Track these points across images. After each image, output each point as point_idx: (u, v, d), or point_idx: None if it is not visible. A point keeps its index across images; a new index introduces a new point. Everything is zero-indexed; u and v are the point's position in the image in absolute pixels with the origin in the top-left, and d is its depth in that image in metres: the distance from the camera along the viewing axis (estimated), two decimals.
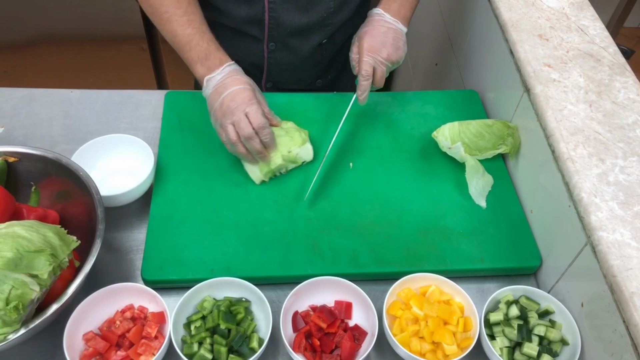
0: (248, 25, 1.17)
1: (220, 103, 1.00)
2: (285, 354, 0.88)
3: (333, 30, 1.22)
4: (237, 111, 0.99)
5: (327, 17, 1.18)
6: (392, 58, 1.08)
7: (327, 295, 0.91)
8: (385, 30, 1.09)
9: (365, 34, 1.09)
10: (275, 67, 1.26)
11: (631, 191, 0.84)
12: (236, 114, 0.99)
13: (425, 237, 1.00)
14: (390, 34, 1.09)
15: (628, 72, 1.02)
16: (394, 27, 1.10)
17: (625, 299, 0.73)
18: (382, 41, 1.08)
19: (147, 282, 0.92)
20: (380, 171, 1.10)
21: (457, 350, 0.85)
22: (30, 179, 0.95)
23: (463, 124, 1.10)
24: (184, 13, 1.02)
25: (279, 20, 1.15)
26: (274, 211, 1.02)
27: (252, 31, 1.18)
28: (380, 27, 1.09)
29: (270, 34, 1.18)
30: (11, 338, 0.72)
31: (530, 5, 1.15)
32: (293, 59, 1.24)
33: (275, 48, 1.21)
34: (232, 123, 1.00)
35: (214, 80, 1.02)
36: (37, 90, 1.24)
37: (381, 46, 1.07)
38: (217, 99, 1.01)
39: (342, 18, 1.21)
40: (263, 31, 1.18)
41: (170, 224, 0.99)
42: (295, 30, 1.18)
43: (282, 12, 1.14)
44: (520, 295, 0.92)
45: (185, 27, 1.02)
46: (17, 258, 0.73)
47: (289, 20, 1.15)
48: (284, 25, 1.16)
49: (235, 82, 1.02)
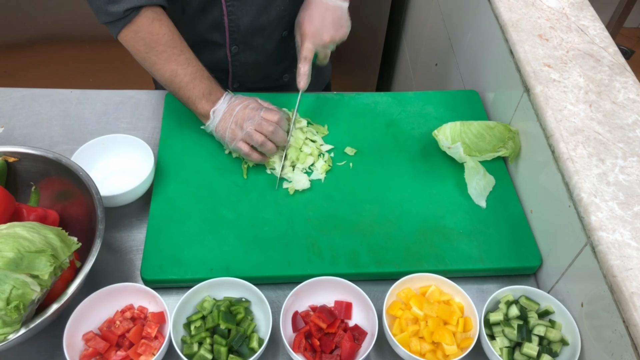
0: (208, 32, 1.17)
1: (235, 119, 1.04)
2: (285, 354, 0.89)
3: (292, 19, 1.20)
4: (255, 117, 1.03)
5: (285, 9, 1.17)
6: (335, 39, 1.10)
7: (327, 296, 0.91)
8: (324, 11, 1.09)
9: (304, 19, 1.10)
10: (241, 68, 1.26)
11: (631, 191, 0.84)
12: (255, 118, 1.03)
13: (425, 237, 1.00)
14: (329, 15, 1.09)
15: (628, 72, 1.02)
16: (332, 7, 1.10)
17: (625, 299, 0.73)
18: (321, 24, 1.09)
19: (147, 281, 0.92)
20: (380, 171, 1.10)
21: (457, 350, 0.85)
22: (30, 179, 0.95)
23: (465, 124, 1.10)
24: (180, 51, 1.04)
25: (238, 22, 1.15)
26: (274, 211, 1.02)
27: (213, 37, 1.18)
28: (318, 10, 1.09)
29: (232, 37, 1.18)
30: (11, 338, 0.73)
31: (530, 5, 1.15)
32: (257, 57, 1.24)
33: (238, 50, 1.21)
34: (254, 128, 1.03)
35: (221, 109, 1.06)
36: (37, 90, 1.24)
37: (321, 30, 1.08)
38: (229, 120, 1.04)
39: (299, 5, 1.19)
40: (224, 35, 1.17)
41: (170, 224, 0.99)
42: (256, 30, 1.17)
43: (241, 14, 1.13)
44: (520, 295, 0.92)
45: (186, 66, 1.04)
46: (18, 258, 0.73)
47: (249, 21, 1.15)
48: (245, 26, 1.16)
49: (241, 101, 1.06)
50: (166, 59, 1.02)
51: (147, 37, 1.00)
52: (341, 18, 1.11)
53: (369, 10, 2.10)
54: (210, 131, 1.08)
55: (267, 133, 1.03)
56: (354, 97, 1.25)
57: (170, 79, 1.04)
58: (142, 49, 1.02)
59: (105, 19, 1.00)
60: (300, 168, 1.09)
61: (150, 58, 1.03)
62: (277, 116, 1.04)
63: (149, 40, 1.01)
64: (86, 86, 1.28)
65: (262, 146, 1.04)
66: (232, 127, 1.04)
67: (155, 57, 1.02)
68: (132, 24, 0.99)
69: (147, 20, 1.00)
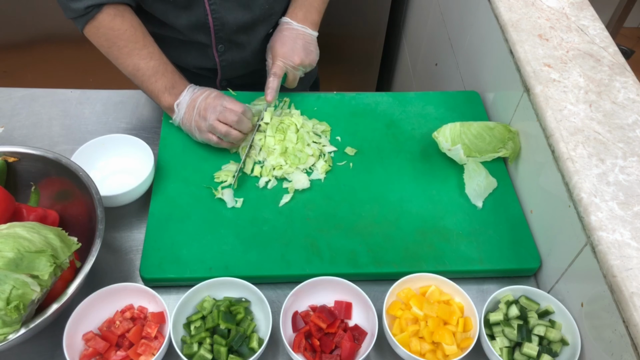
0: (193, 33, 1.17)
1: (197, 111, 1.06)
2: (285, 354, 0.88)
3: (277, 18, 1.22)
4: (217, 106, 1.05)
5: (270, 7, 1.18)
6: (304, 62, 1.15)
7: (327, 296, 0.91)
8: (294, 36, 1.15)
9: (275, 42, 1.16)
10: (229, 67, 1.27)
11: (631, 191, 0.84)
12: (217, 108, 1.05)
13: (424, 238, 1.00)
14: (300, 40, 1.15)
15: (628, 72, 1.02)
16: (302, 33, 1.16)
17: (625, 299, 0.73)
18: (292, 47, 1.14)
19: (146, 280, 0.93)
20: (380, 171, 1.10)
21: (457, 350, 0.85)
22: (30, 179, 0.95)
23: (464, 124, 1.09)
24: (142, 46, 1.07)
25: (223, 21, 1.16)
26: (273, 210, 1.02)
27: (198, 37, 1.19)
28: (290, 34, 1.15)
29: (217, 36, 1.18)
30: (11, 338, 0.73)
31: (530, 5, 1.15)
32: (244, 55, 1.25)
33: (225, 49, 1.22)
34: (217, 118, 1.05)
35: (184, 102, 1.08)
36: (37, 90, 1.24)
37: (292, 52, 1.14)
38: (193, 112, 1.07)
39: (283, 5, 1.22)
40: (209, 35, 1.18)
41: (169, 223, 0.99)
42: (241, 28, 1.18)
43: (225, 12, 1.14)
44: (520, 295, 0.92)
45: (148, 60, 1.07)
46: (18, 258, 0.73)
47: (233, 19, 1.16)
48: (229, 24, 1.17)
49: (202, 92, 1.09)
50: (127, 53, 1.06)
51: (108, 32, 1.05)
52: (311, 44, 1.17)
53: (369, 10, 2.10)
54: (178, 124, 1.11)
55: (232, 123, 1.05)
56: (354, 97, 1.25)
57: (133, 72, 1.08)
58: (105, 44, 1.06)
59: (69, 15, 1.04)
60: (301, 168, 1.09)
61: (113, 52, 1.07)
62: (241, 107, 1.06)
63: (110, 35, 1.05)
64: (86, 86, 1.28)
65: (226, 136, 1.06)
66: (196, 119, 1.07)
67: (117, 51, 1.06)
68: (94, 20, 1.03)
69: (108, 17, 1.04)
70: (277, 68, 1.14)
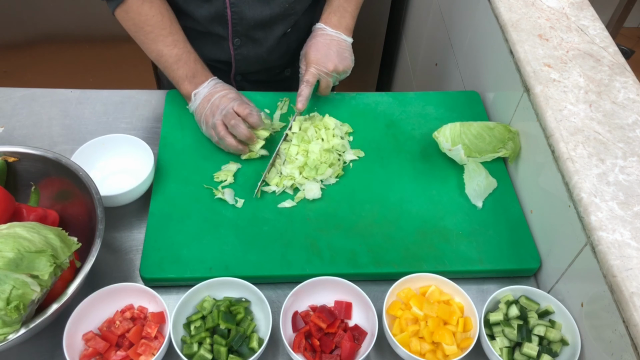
0: (211, 24, 1.18)
1: (210, 105, 1.07)
2: (285, 354, 0.88)
3: (296, 18, 1.22)
4: (226, 107, 1.06)
5: (290, 7, 1.18)
6: (338, 69, 1.14)
7: (327, 296, 0.91)
8: (328, 42, 1.14)
9: (309, 48, 1.15)
10: (243, 62, 1.27)
11: (631, 191, 0.84)
12: (226, 108, 1.05)
13: (424, 238, 1.00)
14: (334, 46, 1.14)
15: (628, 72, 1.02)
16: (336, 39, 1.15)
17: (625, 299, 0.73)
18: (326, 53, 1.13)
19: (146, 280, 0.93)
20: (380, 171, 1.10)
21: (457, 350, 0.85)
22: (30, 179, 0.95)
23: (464, 124, 1.09)
24: (168, 33, 1.08)
25: (241, 15, 1.16)
26: (273, 210, 1.02)
27: (216, 29, 1.19)
28: (324, 40, 1.15)
29: (235, 30, 1.18)
30: (11, 338, 0.73)
31: (530, 5, 1.15)
32: (259, 51, 1.25)
33: (241, 43, 1.22)
34: (222, 119, 1.05)
35: (202, 93, 1.09)
36: (37, 90, 1.24)
37: (326, 58, 1.13)
38: (206, 105, 1.08)
39: (304, 5, 1.22)
40: (227, 28, 1.18)
41: (169, 223, 0.99)
42: (258, 23, 1.18)
43: (244, 7, 1.14)
44: (520, 295, 0.92)
45: (171, 48, 1.08)
46: (18, 258, 0.73)
47: (251, 14, 1.16)
48: (247, 19, 1.17)
49: (222, 88, 1.09)
50: (153, 39, 1.08)
51: (136, 17, 1.06)
52: (345, 50, 1.16)
53: (369, 10, 2.10)
54: (192, 112, 1.12)
55: (228, 126, 1.05)
56: (354, 97, 1.25)
57: (157, 58, 1.10)
58: (132, 28, 1.08)
59: None
60: (317, 179, 1.06)
61: (139, 37, 1.09)
62: (246, 110, 1.05)
63: (137, 20, 1.06)
64: (86, 86, 1.28)
65: (222, 139, 1.06)
66: (207, 113, 1.08)
67: (144, 36, 1.08)
68: (124, 3, 1.05)
69: (137, 2, 1.05)
70: (310, 75, 1.13)
